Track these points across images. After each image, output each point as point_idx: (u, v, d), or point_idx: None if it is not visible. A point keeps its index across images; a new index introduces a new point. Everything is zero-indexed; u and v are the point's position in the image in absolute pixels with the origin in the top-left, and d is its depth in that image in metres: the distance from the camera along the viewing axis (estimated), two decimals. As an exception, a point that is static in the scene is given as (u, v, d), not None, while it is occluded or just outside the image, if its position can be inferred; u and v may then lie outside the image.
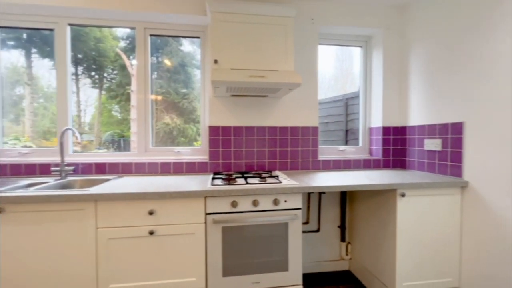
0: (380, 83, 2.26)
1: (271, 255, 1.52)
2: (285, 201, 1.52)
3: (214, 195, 1.44)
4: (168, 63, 2.20)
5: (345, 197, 2.21)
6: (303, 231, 2.11)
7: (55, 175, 1.81)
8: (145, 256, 1.41)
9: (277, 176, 1.77)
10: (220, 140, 2.04)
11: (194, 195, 1.41)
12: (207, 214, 1.45)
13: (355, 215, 2.15)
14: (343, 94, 2.61)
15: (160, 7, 1.91)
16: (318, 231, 2.17)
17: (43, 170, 1.86)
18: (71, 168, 1.84)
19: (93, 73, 2.17)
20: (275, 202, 1.50)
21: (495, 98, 1.49)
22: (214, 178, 1.75)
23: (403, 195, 1.60)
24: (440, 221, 1.66)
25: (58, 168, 1.80)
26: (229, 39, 1.69)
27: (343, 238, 2.22)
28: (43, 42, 2.03)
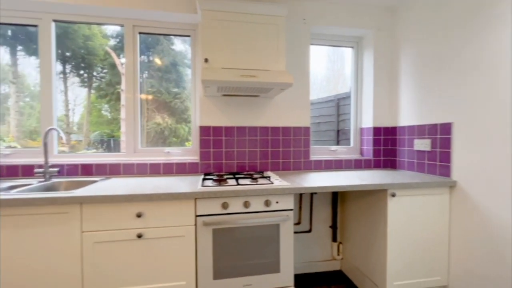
0: (371, 83, 2.27)
1: (263, 257, 1.50)
2: (277, 202, 1.50)
3: (204, 197, 1.41)
4: (158, 62, 2.16)
5: (336, 197, 2.22)
6: (295, 232, 2.11)
7: (39, 176, 1.74)
8: (133, 260, 1.37)
9: (269, 176, 1.76)
10: (211, 140, 2.01)
11: (183, 197, 1.38)
12: (197, 216, 1.42)
13: (347, 215, 2.16)
14: (335, 94, 2.62)
15: (148, 4, 1.86)
16: (310, 231, 2.17)
17: (26, 171, 1.79)
18: (56, 169, 1.77)
19: (82, 72, 2.10)
20: (267, 203, 1.49)
21: (482, 99, 1.51)
22: (204, 179, 1.72)
23: (393, 195, 1.61)
24: (429, 220, 1.68)
25: (41, 169, 1.73)
26: (220, 38, 1.67)
27: (334, 238, 2.22)
28: (29, 39, 1.95)
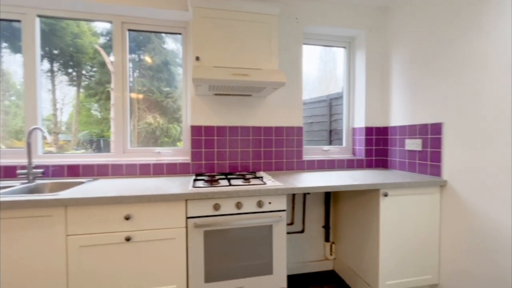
0: (363, 84, 2.28)
1: (255, 259, 1.48)
2: (270, 203, 1.48)
3: (195, 198, 1.38)
4: (149, 60, 2.11)
5: (329, 197, 2.21)
6: (288, 232, 2.09)
7: (22, 178, 1.67)
8: (121, 264, 1.32)
9: (262, 177, 1.74)
10: (202, 140, 1.98)
11: (174, 198, 1.35)
12: (188, 218, 1.39)
13: (339, 215, 2.16)
14: (327, 94, 2.62)
15: (137, 0, 1.81)
16: (302, 231, 2.16)
17: (8, 173, 1.72)
18: (40, 170, 1.70)
19: (70, 70, 2.03)
20: (259, 204, 1.46)
21: (472, 99, 1.53)
22: (196, 179, 1.68)
23: (386, 195, 1.61)
24: (420, 219, 1.69)
25: (25, 170, 1.66)
26: (211, 36, 1.64)
27: (327, 238, 2.22)
28: (15, 36, 1.87)
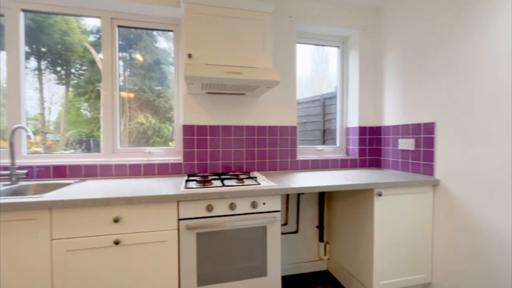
0: (356, 83, 2.28)
1: (249, 261, 1.45)
2: (264, 204, 1.46)
3: (187, 199, 1.34)
4: (140, 58, 2.05)
5: (323, 197, 2.20)
6: (282, 233, 2.07)
7: (4, 179, 1.59)
8: (110, 268, 1.27)
9: (255, 177, 1.71)
10: (195, 139, 1.93)
11: (165, 200, 1.30)
12: (180, 219, 1.35)
13: (333, 215, 2.15)
14: (321, 94, 2.62)
15: (127, -5, 1.76)
16: (297, 232, 2.14)
17: (-11, 174, 1.64)
18: (24, 171, 1.63)
19: (58, 68, 1.95)
20: (253, 204, 1.43)
21: (464, 99, 1.54)
22: (188, 180, 1.64)
23: (380, 195, 1.61)
24: (413, 219, 1.70)
25: (7, 171, 1.58)
26: (204, 33, 1.60)
27: (321, 238, 2.21)
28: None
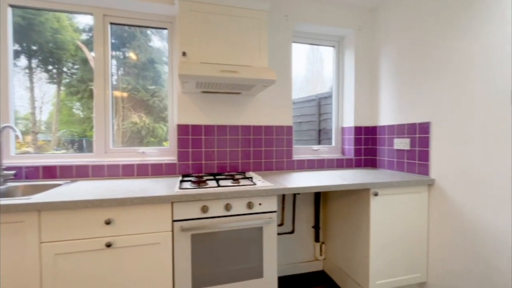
0: (352, 83, 2.28)
1: (245, 262, 1.43)
2: (260, 204, 1.44)
3: (182, 200, 1.31)
4: (133, 57, 2.01)
5: (319, 197, 2.19)
6: (278, 233, 2.05)
7: (-9, 181, 1.54)
8: (101, 272, 1.23)
9: (251, 177, 1.69)
10: (189, 139, 1.90)
11: (159, 201, 1.27)
12: (174, 221, 1.32)
13: (329, 215, 2.15)
14: (316, 94, 2.61)
15: (120, -9, 1.72)
16: (292, 232, 2.13)
17: (-25, 175, 1.58)
18: (12, 172, 1.58)
19: (50, 67, 1.90)
20: (249, 205, 1.41)
21: (459, 99, 1.55)
22: (182, 181, 1.61)
23: (376, 194, 1.60)
24: (409, 218, 1.70)
25: (-6, 172, 1.53)
26: (199, 31, 1.57)
27: (317, 238, 2.20)
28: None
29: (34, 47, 1.84)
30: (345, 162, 2.28)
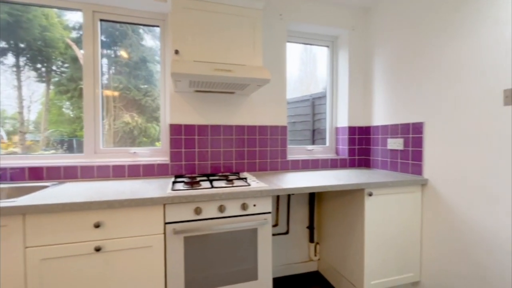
0: (346, 83, 2.28)
1: (239, 264, 1.40)
2: (254, 205, 1.42)
3: (174, 202, 1.27)
4: (125, 55, 1.96)
5: (313, 197, 2.19)
6: (272, 234, 2.03)
7: (-27, 183, 1.47)
8: (90, 277, 1.19)
9: (245, 178, 1.66)
10: (182, 139, 1.86)
11: (150, 202, 1.23)
12: (166, 223, 1.28)
13: (323, 215, 2.14)
14: (310, 94, 2.61)
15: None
16: (287, 233, 2.12)
17: (-44, 177, 1.51)
18: (-4, 174, 1.52)
19: (39, 65, 1.83)
20: (244, 206, 1.39)
21: (452, 99, 1.56)
22: (175, 182, 1.57)
23: (370, 194, 1.60)
24: (403, 218, 1.70)
25: (-23, 174, 1.47)
26: (192, 29, 1.54)
27: (311, 238, 2.19)
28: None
29: (21, 45, 1.77)
30: (339, 162, 2.28)
